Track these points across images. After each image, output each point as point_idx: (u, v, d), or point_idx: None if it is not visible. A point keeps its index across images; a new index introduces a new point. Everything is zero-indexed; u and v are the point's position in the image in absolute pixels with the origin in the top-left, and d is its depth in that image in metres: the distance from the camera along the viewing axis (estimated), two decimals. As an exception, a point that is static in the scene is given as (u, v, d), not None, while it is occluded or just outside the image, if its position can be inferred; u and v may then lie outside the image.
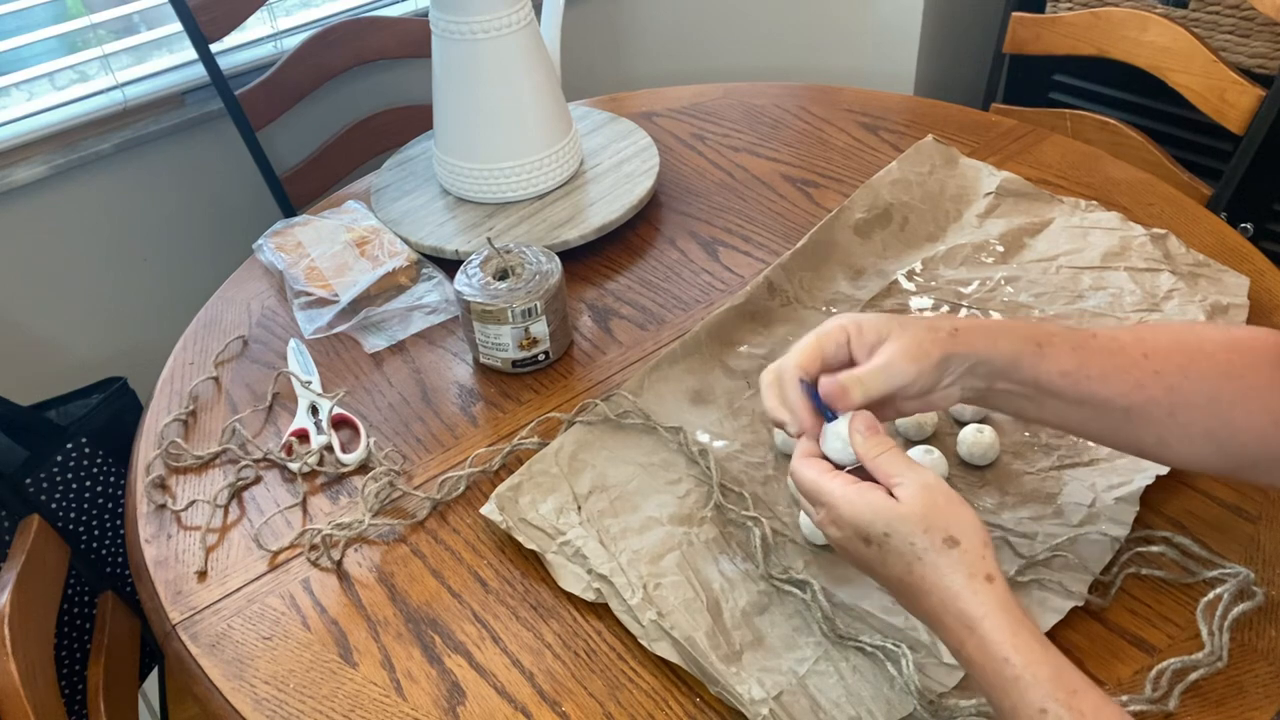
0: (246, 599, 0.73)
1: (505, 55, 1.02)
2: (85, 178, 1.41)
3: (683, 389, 0.84)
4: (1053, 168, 1.08)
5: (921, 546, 0.52)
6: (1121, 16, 1.28)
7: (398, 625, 0.70)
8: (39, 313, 1.46)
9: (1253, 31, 1.45)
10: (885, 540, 0.53)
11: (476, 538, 0.76)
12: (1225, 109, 1.19)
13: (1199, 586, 0.67)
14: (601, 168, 1.12)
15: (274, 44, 1.52)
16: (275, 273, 1.04)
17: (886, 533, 0.53)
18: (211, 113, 1.45)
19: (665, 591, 0.68)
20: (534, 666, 0.67)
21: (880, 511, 0.53)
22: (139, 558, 0.78)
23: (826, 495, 0.56)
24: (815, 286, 0.94)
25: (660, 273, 1.01)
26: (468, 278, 0.87)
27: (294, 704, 0.66)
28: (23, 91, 1.39)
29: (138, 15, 1.45)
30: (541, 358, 0.89)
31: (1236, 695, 0.61)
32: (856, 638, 0.64)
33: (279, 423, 0.88)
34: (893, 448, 0.56)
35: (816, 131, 1.20)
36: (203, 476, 0.83)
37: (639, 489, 0.76)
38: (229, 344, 0.96)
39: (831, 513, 0.56)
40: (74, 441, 1.07)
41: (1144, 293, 0.88)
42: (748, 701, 0.61)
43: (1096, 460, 0.75)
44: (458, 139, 1.07)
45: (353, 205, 1.11)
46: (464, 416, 0.87)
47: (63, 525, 1.06)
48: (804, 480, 0.57)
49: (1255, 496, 0.72)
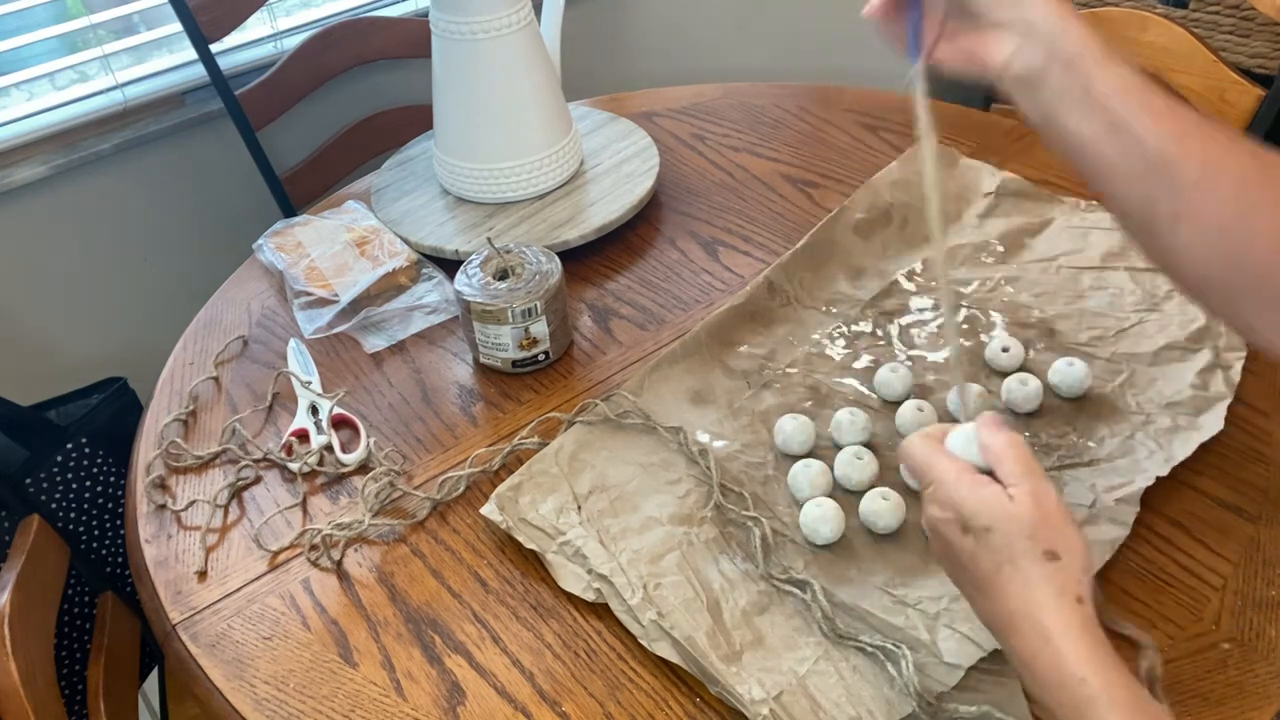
0: (246, 599, 0.73)
1: (505, 55, 1.02)
2: (85, 178, 1.41)
3: (683, 389, 0.84)
4: (1053, 168, 1.08)
5: (1020, 550, 0.51)
6: (1121, 16, 1.28)
7: (398, 625, 0.70)
8: (39, 313, 1.46)
9: (1253, 31, 1.45)
10: (985, 535, 0.52)
11: (476, 538, 0.76)
12: (1225, 109, 1.19)
13: (1199, 586, 0.67)
14: (601, 168, 1.12)
15: (274, 44, 1.52)
16: (275, 273, 1.04)
17: (989, 527, 0.52)
18: (211, 113, 1.45)
19: (665, 591, 0.68)
20: (534, 666, 0.67)
21: (990, 505, 0.52)
22: (139, 558, 0.78)
23: (939, 473, 0.55)
24: (815, 286, 0.94)
25: (660, 273, 1.01)
26: (468, 278, 0.87)
27: (294, 704, 0.66)
28: (23, 91, 1.39)
29: (138, 15, 1.45)
30: (541, 358, 0.89)
31: (1236, 695, 0.61)
32: (856, 638, 0.64)
33: (279, 423, 0.88)
34: (1020, 445, 0.54)
35: (816, 131, 1.20)
36: (203, 476, 0.83)
37: (639, 489, 0.76)
38: (229, 344, 0.96)
39: (940, 491, 0.54)
40: (74, 441, 1.07)
41: (1144, 293, 0.88)
42: (748, 701, 0.61)
43: (1096, 460, 0.75)
44: (458, 139, 1.07)
45: (353, 205, 1.11)
46: (464, 416, 0.87)
47: (63, 525, 1.06)
48: (917, 453, 0.56)
49: (1255, 496, 0.72)
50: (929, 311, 0.90)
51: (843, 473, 0.74)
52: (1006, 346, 0.83)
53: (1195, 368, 0.80)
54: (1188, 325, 0.84)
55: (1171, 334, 0.83)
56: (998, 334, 0.86)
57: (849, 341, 0.88)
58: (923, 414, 0.78)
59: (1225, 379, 0.79)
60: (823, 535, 0.70)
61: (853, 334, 0.89)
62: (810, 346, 0.88)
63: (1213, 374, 0.79)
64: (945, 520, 0.54)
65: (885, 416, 0.80)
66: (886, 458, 0.77)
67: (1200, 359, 0.81)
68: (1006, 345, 0.83)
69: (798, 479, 0.74)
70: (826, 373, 0.85)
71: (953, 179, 1.05)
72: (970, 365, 0.84)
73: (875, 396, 0.82)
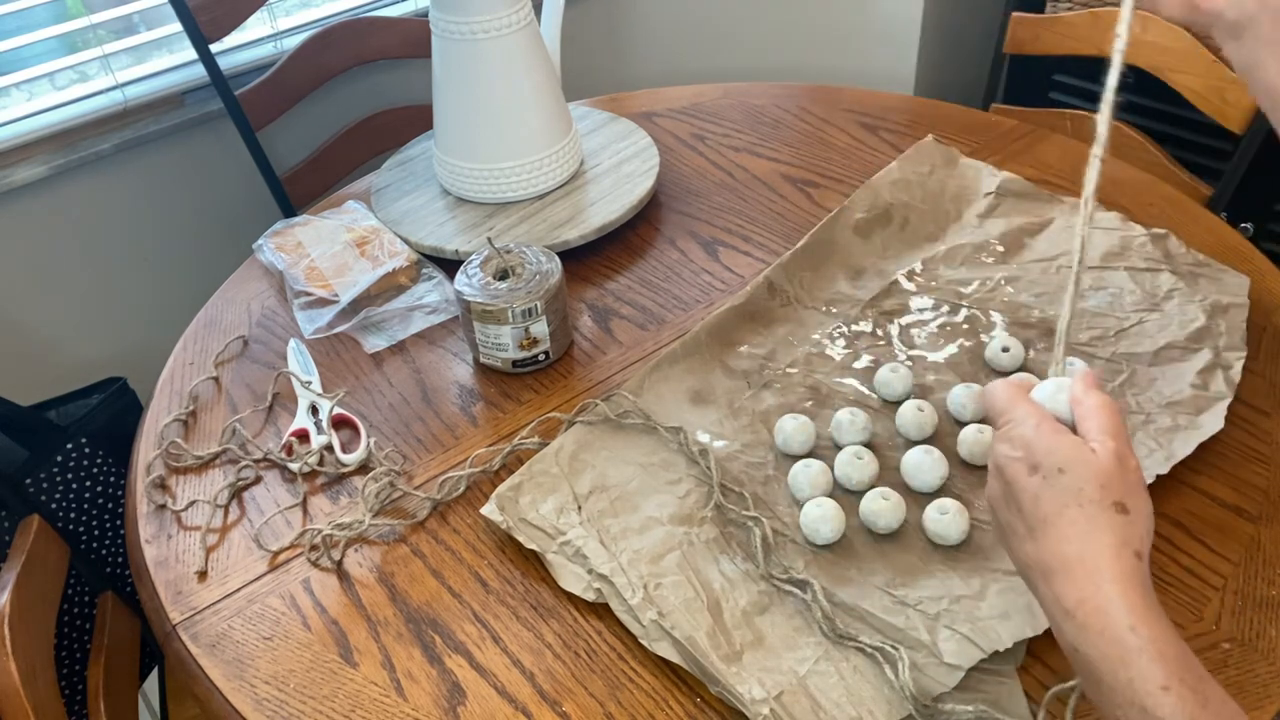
0: (247, 599, 0.73)
1: (505, 55, 1.02)
2: (85, 178, 1.41)
3: (683, 389, 0.84)
4: (1053, 168, 1.08)
5: (1089, 497, 0.50)
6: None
7: (398, 625, 0.70)
8: (39, 313, 1.46)
9: (1253, 31, 1.45)
10: (1056, 476, 0.51)
11: (477, 538, 0.76)
12: (1225, 109, 1.19)
13: (1200, 586, 0.67)
14: (601, 168, 1.12)
15: (274, 44, 1.52)
16: (275, 273, 1.04)
17: (1062, 469, 0.51)
18: (211, 113, 1.45)
19: (666, 591, 0.68)
20: (534, 666, 0.67)
21: (1067, 450, 0.51)
22: (139, 558, 0.78)
23: (1018, 413, 0.54)
24: (815, 286, 0.94)
25: (660, 273, 1.01)
26: (468, 278, 0.87)
27: (294, 704, 0.66)
28: (23, 91, 1.39)
29: (138, 15, 1.45)
30: (542, 358, 0.89)
31: (1237, 695, 0.60)
32: (856, 638, 0.64)
33: (279, 423, 0.88)
34: (1113, 408, 0.53)
35: (816, 131, 1.20)
36: (203, 476, 0.83)
37: (639, 489, 0.76)
38: (229, 344, 0.96)
39: (1014, 429, 0.53)
40: (74, 441, 1.07)
41: (1144, 292, 0.88)
42: (748, 701, 0.61)
43: (1097, 460, 0.75)
44: (458, 139, 1.07)
45: (353, 205, 1.11)
46: (464, 416, 0.87)
47: (63, 525, 1.06)
48: (998, 394, 0.55)
49: (1255, 496, 0.72)
50: (929, 311, 0.90)
51: (843, 473, 0.74)
52: (1007, 346, 0.83)
53: (1195, 367, 0.80)
54: (1188, 325, 0.84)
55: (1171, 334, 0.83)
56: (998, 334, 0.86)
57: (849, 341, 0.88)
58: (923, 414, 0.78)
59: (1225, 378, 0.79)
60: (823, 535, 0.70)
61: (853, 334, 0.89)
62: (810, 346, 0.88)
63: (1213, 374, 0.79)
64: (1012, 459, 0.53)
65: (885, 416, 0.80)
66: (886, 458, 0.77)
67: (1200, 359, 0.81)
68: (1007, 345, 0.83)
69: (798, 479, 0.74)
70: (827, 373, 0.85)
71: (953, 179, 1.05)
72: (971, 365, 0.84)
73: (875, 396, 0.82)
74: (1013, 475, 0.53)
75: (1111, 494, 0.50)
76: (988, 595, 0.66)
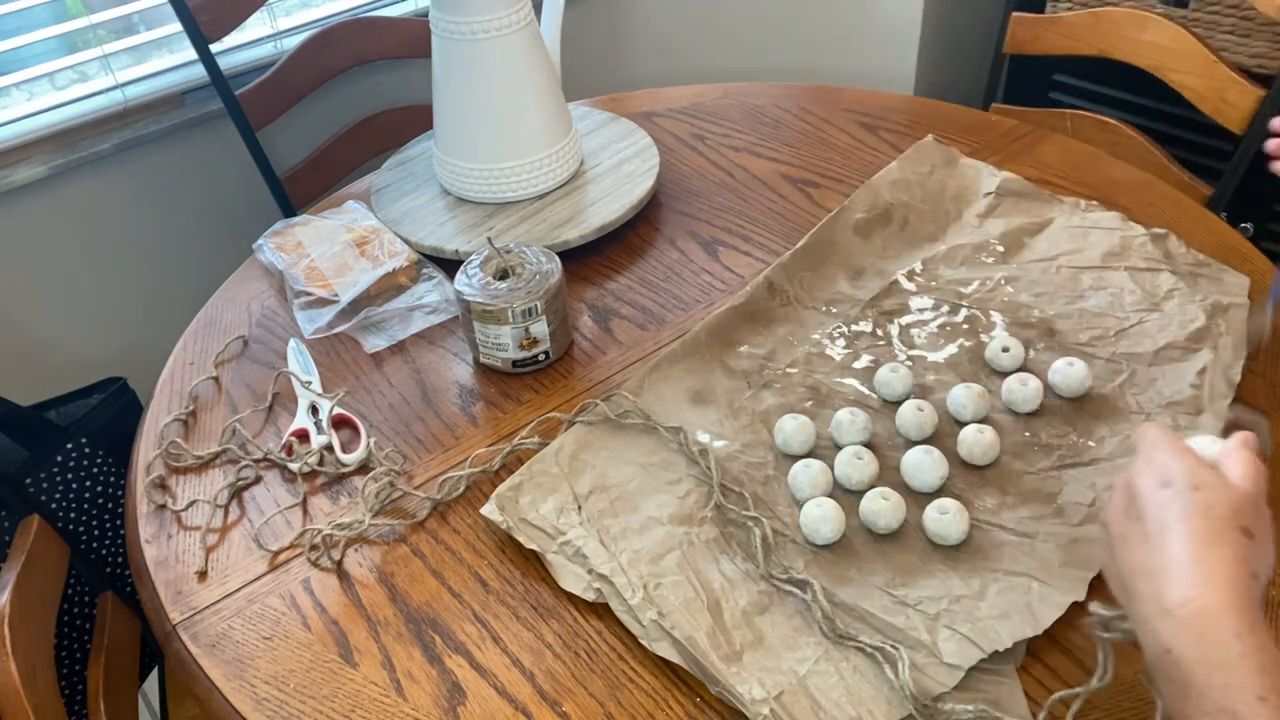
0: (247, 599, 0.73)
1: (505, 55, 1.02)
2: (85, 178, 1.41)
3: (683, 389, 0.84)
4: (1053, 168, 1.08)
5: (1218, 514, 0.50)
6: (1121, 16, 1.28)
7: (398, 625, 0.70)
8: (39, 313, 1.46)
9: (1253, 31, 1.45)
10: (1189, 491, 0.51)
11: (477, 538, 0.76)
12: (1225, 109, 1.19)
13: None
14: (601, 168, 1.12)
15: (274, 44, 1.52)
16: (275, 273, 1.04)
17: (1196, 486, 0.51)
18: (211, 113, 1.45)
19: (666, 591, 0.68)
20: (534, 666, 0.67)
21: (1206, 475, 0.51)
22: (139, 558, 0.78)
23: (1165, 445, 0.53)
24: (815, 286, 0.94)
25: (660, 273, 1.01)
26: (468, 278, 0.87)
27: (294, 704, 0.66)
28: (23, 91, 1.39)
29: (138, 15, 1.45)
30: (542, 358, 0.89)
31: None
32: (856, 638, 0.64)
33: (279, 423, 0.88)
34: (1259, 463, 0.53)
35: (816, 131, 1.20)
36: (203, 476, 0.83)
37: (639, 489, 0.76)
38: (229, 344, 0.96)
39: (1156, 452, 0.53)
40: (74, 441, 1.07)
41: (1144, 292, 0.88)
42: (748, 701, 0.61)
43: (1097, 460, 0.75)
44: (458, 139, 1.07)
45: (353, 205, 1.11)
46: (464, 416, 0.87)
47: (63, 525, 1.06)
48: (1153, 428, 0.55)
49: (1255, 496, 0.72)
50: (929, 311, 0.90)
51: (843, 473, 0.74)
52: (1007, 346, 0.83)
53: (1195, 368, 0.80)
54: (1188, 325, 0.84)
55: (1171, 334, 0.83)
56: (998, 334, 0.86)
57: (849, 341, 0.88)
58: (923, 414, 0.78)
59: (1225, 379, 0.79)
60: (823, 535, 0.70)
61: (853, 334, 0.89)
62: (810, 346, 0.88)
63: (1213, 373, 0.79)
64: (1146, 474, 0.53)
65: (885, 416, 0.80)
66: (886, 458, 0.77)
67: (1200, 359, 0.81)
68: (1007, 345, 0.83)
69: (798, 479, 0.74)
70: (827, 373, 0.85)
71: (953, 179, 1.05)
72: (971, 365, 0.85)
73: (875, 396, 0.82)
74: (1143, 487, 0.53)
75: (1241, 519, 0.50)
76: (988, 595, 0.66)
